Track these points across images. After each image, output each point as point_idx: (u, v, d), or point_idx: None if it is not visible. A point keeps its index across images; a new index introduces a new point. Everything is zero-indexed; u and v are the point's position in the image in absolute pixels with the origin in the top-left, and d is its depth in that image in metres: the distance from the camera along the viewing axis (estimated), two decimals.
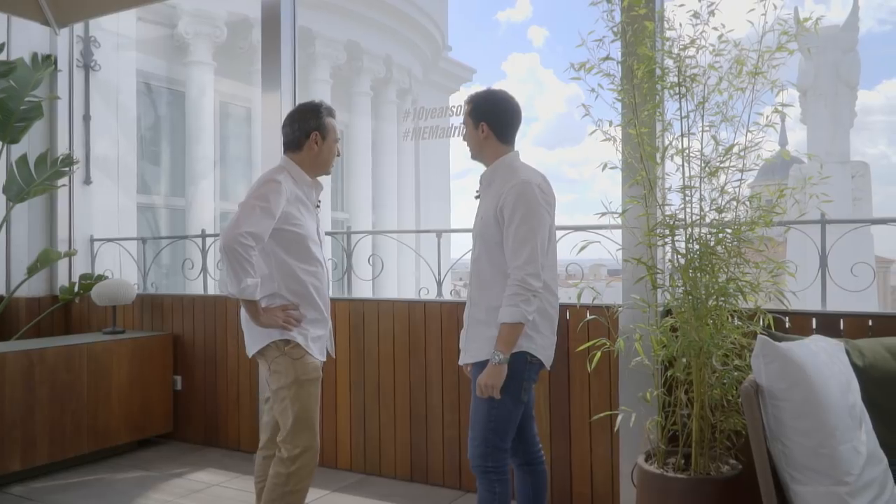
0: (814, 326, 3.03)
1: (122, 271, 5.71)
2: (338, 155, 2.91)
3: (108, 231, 5.98)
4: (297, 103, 4.48)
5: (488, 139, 2.62)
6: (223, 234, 2.55)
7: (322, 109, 2.84)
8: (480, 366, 2.49)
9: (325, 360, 2.86)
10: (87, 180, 5.80)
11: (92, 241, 5.71)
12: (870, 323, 2.94)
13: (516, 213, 2.43)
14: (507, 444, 2.53)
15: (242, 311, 2.70)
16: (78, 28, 5.82)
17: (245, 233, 2.51)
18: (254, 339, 2.75)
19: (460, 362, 2.69)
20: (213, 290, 5.18)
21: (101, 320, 5.25)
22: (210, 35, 8.93)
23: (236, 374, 4.73)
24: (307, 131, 2.80)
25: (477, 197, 2.69)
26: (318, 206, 2.89)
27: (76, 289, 5.30)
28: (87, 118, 5.84)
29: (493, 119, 2.61)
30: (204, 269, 5.10)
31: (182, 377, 4.98)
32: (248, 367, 4.65)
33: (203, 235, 5.18)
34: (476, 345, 2.56)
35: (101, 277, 5.26)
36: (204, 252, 5.13)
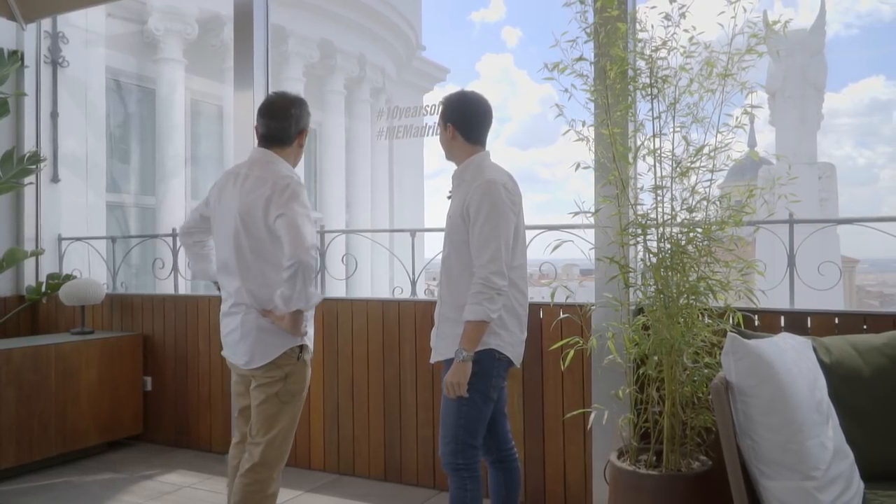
0: (782, 324, 3.08)
1: (90, 271, 5.62)
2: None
3: (77, 230, 5.88)
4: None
5: (455, 140, 2.65)
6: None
7: (306, 107, 2.77)
8: (449, 363, 2.51)
9: None
10: (55, 178, 5.70)
11: (60, 240, 5.62)
12: (836, 321, 3.00)
13: (481, 211, 2.45)
14: (477, 442, 2.54)
15: (252, 321, 2.58)
16: (45, 24, 5.71)
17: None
18: (268, 347, 2.59)
19: (431, 360, 2.70)
20: (183, 289, 5.12)
21: (69, 320, 5.17)
22: (181, 32, 8.82)
23: (207, 374, 4.68)
24: (301, 128, 2.72)
25: (449, 197, 2.71)
26: None
27: (43, 288, 5.20)
28: (54, 115, 5.74)
29: (460, 120, 2.64)
30: (175, 268, 5.04)
31: (152, 378, 4.92)
32: (219, 367, 4.60)
33: (174, 234, 5.11)
34: (445, 343, 2.58)
35: (69, 277, 5.18)
36: (175, 251, 5.07)
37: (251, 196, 2.56)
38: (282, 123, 2.67)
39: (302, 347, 2.66)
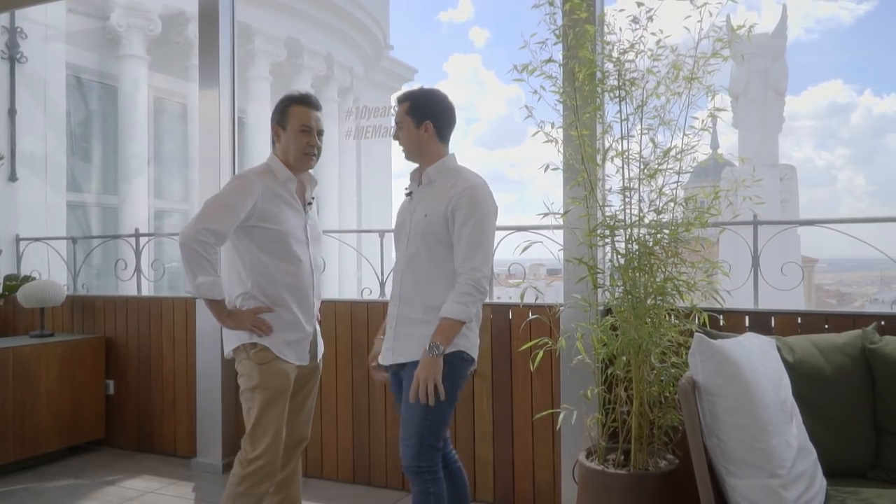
0: (747, 324, 3.13)
1: (50, 272, 5.49)
2: (310, 145, 2.70)
3: (36, 230, 5.76)
4: (235, 100, 4.42)
5: (431, 139, 2.58)
6: (182, 231, 2.52)
7: (287, 100, 2.71)
8: (413, 365, 2.44)
9: (306, 363, 2.74)
10: (13, 177, 5.57)
11: (18, 240, 5.48)
12: (799, 320, 3.06)
13: (472, 215, 2.43)
14: (439, 444, 2.49)
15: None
16: (3, 18, 5.58)
17: (204, 229, 2.48)
18: (227, 338, 2.70)
19: (387, 362, 2.58)
20: (147, 291, 5.03)
21: (28, 323, 5.04)
22: (144, 28, 8.69)
23: (172, 377, 4.60)
24: (272, 125, 2.73)
25: (409, 194, 2.64)
26: (309, 203, 2.78)
27: (1, 290, 5.07)
28: (12, 112, 5.61)
29: (437, 118, 2.57)
30: (138, 269, 4.95)
31: (115, 381, 4.82)
32: (183, 370, 4.53)
33: (137, 235, 5.03)
34: (408, 343, 2.50)
35: (27, 278, 5.05)
36: (137, 252, 4.98)
37: None
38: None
39: (254, 346, 2.62)
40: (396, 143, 2.65)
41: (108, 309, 4.88)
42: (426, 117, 2.56)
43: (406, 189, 2.67)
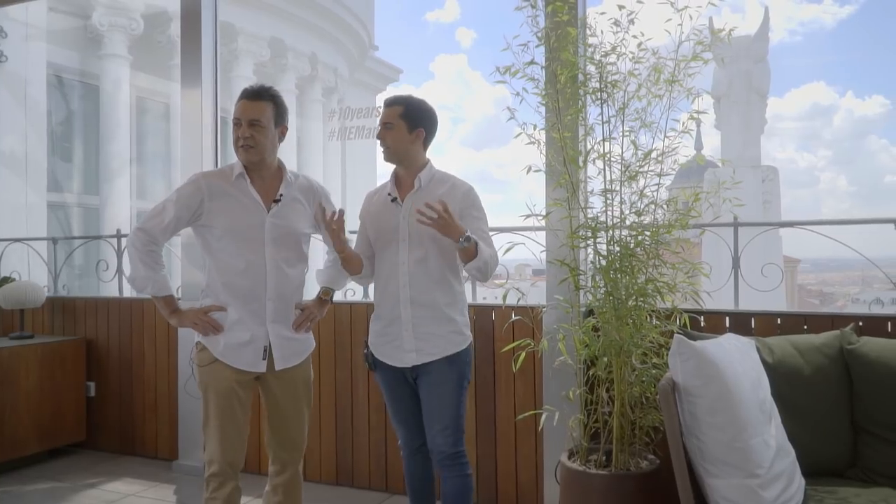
0: (727, 325, 3.16)
1: (30, 273, 5.44)
2: (239, 137, 2.56)
3: (15, 230, 5.70)
4: (218, 100, 4.40)
5: (418, 146, 2.63)
6: None
7: (240, 95, 2.66)
8: (448, 360, 2.56)
9: (261, 371, 2.60)
10: None
11: None
12: (778, 321, 3.09)
13: (482, 213, 2.63)
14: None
15: None
16: None
17: (137, 229, 2.59)
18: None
19: (411, 363, 2.57)
20: (128, 292, 4.99)
21: (7, 324, 4.99)
22: (126, 27, 8.63)
23: (153, 379, 4.57)
24: None
25: (394, 200, 2.62)
26: (276, 201, 2.61)
27: None
28: None
29: (430, 127, 2.65)
30: (119, 270, 4.91)
31: (95, 383, 4.78)
32: (165, 372, 4.50)
33: (118, 235, 4.99)
34: (433, 342, 2.57)
35: (7, 279, 5.00)
36: (119, 253, 4.94)
37: None
38: None
39: (198, 345, 2.61)
40: (378, 142, 2.66)
41: (88, 310, 4.84)
42: (420, 124, 2.61)
43: (389, 193, 2.65)
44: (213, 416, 2.57)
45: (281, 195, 2.64)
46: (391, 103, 2.63)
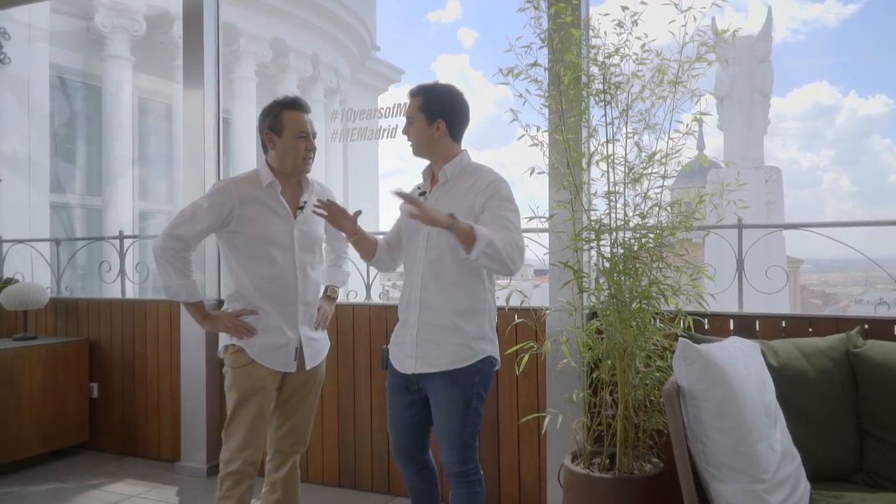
0: (731, 328, 3.14)
1: (33, 274, 5.44)
2: (308, 150, 2.68)
3: (19, 231, 5.71)
4: (220, 100, 4.40)
5: (443, 137, 2.46)
6: (155, 239, 2.60)
7: (278, 105, 2.68)
8: (449, 374, 2.37)
9: (291, 370, 2.68)
10: None
11: (0, 241, 5.42)
12: (783, 324, 3.07)
13: (503, 204, 2.35)
14: (477, 443, 2.48)
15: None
16: None
17: (169, 236, 2.54)
18: (220, 339, 2.72)
19: (408, 371, 2.44)
20: (131, 293, 4.99)
21: (10, 326, 4.99)
22: (128, 29, 8.64)
23: (156, 380, 4.57)
24: (261, 131, 2.69)
25: (422, 193, 2.51)
26: (300, 208, 2.70)
27: None
28: None
29: (452, 117, 2.46)
30: (122, 271, 4.91)
31: (98, 384, 4.78)
32: (167, 373, 4.50)
33: (121, 237, 4.99)
34: (436, 353, 2.40)
35: (10, 281, 5.00)
36: (122, 254, 4.94)
37: None
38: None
39: (233, 347, 2.63)
40: (405, 137, 2.54)
41: (91, 312, 4.84)
42: (439, 116, 2.45)
43: (419, 188, 2.55)
44: (244, 415, 2.61)
45: (304, 202, 2.72)
46: (413, 94, 2.50)
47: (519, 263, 2.28)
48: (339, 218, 2.52)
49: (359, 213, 2.56)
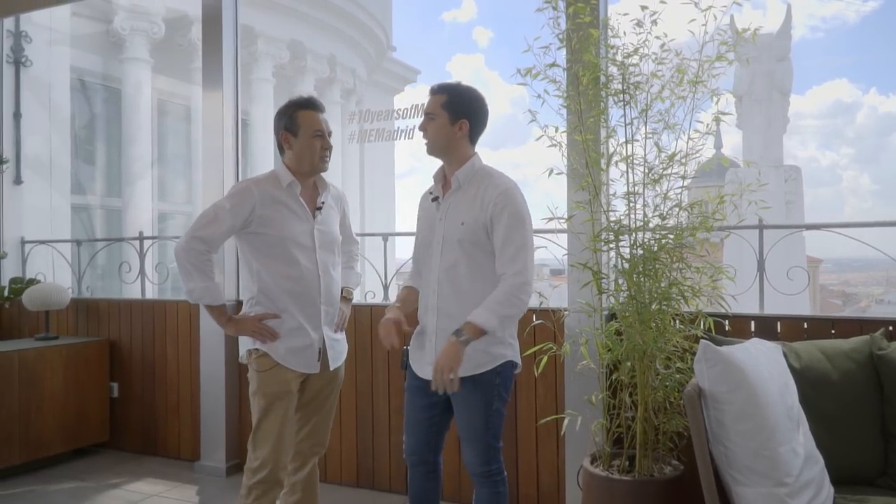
0: (752, 329, 3.11)
1: (55, 274, 5.50)
2: (325, 148, 2.68)
3: (41, 233, 5.76)
4: (238, 102, 4.43)
5: (462, 138, 2.43)
6: (178, 241, 2.60)
7: (292, 105, 2.69)
8: (469, 379, 2.34)
9: (315, 371, 2.69)
10: (18, 180, 5.58)
11: (23, 243, 5.49)
12: (805, 326, 3.04)
13: (513, 219, 2.33)
14: (500, 444, 2.47)
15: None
16: (8, 22, 5.59)
17: (193, 237, 2.54)
18: (241, 343, 2.74)
19: (428, 376, 2.36)
20: (151, 294, 5.03)
21: (32, 326, 5.05)
22: (147, 31, 8.69)
23: (176, 380, 4.60)
24: (277, 132, 2.70)
25: (435, 198, 2.50)
26: (319, 208, 2.71)
27: (6, 293, 5.07)
28: (17, 115, 5.62)
29: (474, 118, 2.44)
30: (142, 272, 4.95)
31: (119, 384, 4.83)
32: (187, 373, 4.53)
33: (141, 238, 5.03)
34: None
35: (32, 281, 5.06)
36: (142, 255, 4.99)
37: None
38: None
39: (257, 352, 2.63)
40: (421, 133, 2.49)
41: (112, 312, 4.88)
42: (464, 115, 2.42)
43: (431, 193, 2.54)
44: (272, 420, 2.61)
45: (322, 203, 2.74)
46: (435, 91, 2.46)
47: (527, 299, 2.31)
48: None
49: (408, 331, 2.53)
